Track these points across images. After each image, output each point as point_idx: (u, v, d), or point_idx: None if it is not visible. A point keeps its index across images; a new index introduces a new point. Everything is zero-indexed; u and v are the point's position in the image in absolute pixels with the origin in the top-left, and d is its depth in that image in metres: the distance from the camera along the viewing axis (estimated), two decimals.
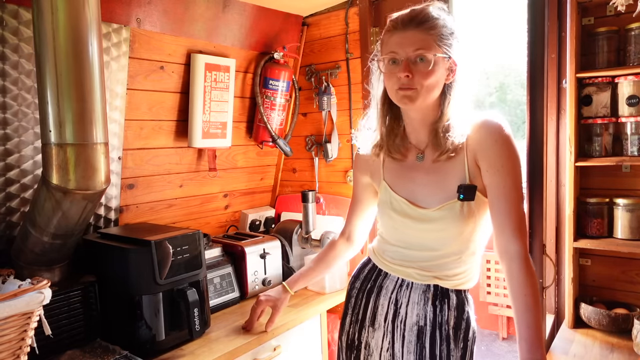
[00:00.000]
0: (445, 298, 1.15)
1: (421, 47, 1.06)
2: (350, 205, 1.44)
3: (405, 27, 1.08)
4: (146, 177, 1.90)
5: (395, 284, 1.21)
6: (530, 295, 1.03)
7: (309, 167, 2.38)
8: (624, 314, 1.60)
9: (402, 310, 1.18)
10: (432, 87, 1.08)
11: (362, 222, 1.42)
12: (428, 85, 1.07)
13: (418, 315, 1.15)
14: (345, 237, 1.45)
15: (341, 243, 1.46)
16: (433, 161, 1.15)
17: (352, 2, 2.10)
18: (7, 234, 1.50)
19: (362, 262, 1.36)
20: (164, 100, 1.87)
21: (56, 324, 1.33)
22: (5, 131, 1.43)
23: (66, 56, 1.13)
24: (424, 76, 1.06)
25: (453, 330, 1.13)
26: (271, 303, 1.52)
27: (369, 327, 1.24)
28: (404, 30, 1.08)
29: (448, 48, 1.08)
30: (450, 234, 1.12)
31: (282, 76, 2.12)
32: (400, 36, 1.08)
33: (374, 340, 1.23)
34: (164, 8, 1.72)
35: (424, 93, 1.08)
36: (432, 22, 1.08)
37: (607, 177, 1.74)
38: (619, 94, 1.64)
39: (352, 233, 1.44)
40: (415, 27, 1.07)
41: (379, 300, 1.23)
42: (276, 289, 1.55)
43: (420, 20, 1.07)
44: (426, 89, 1.08)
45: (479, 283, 3.58)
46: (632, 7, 1.44)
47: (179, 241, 1.44)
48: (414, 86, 1.07)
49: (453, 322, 1.14)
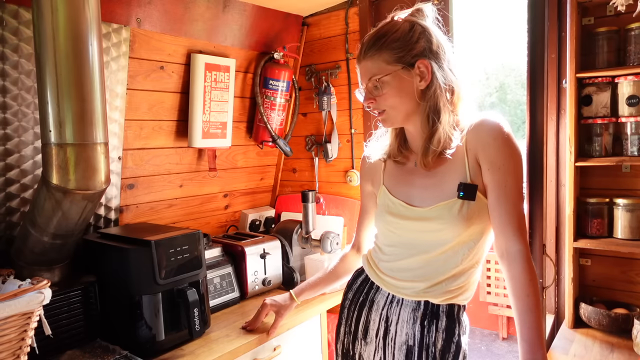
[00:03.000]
0: (434, 319, 1.12)
1: (372, 74, 1.11)
2: (359, 217, 1.43)
3: (359, 61, 1.15)
4: (146, 177, 1.90)
5: (386, 299, 1.19)
6: (532, 295, 1.02)
7: (309, 167, 2.38)
8: (624, 314, 1.60)
9: (392, 328, 1.16)
10: (396, 105, 1.11)
11: (371, 233, 1.41)
12: (391, 105, 1.11)
13: (407, 335, 1.13)
14: (356, 249, 1.44)
15: (352, 255, 1.45)
16: (423, 163, 1.14)
17: (352, 2, 2.10)
18: (7, 234, 1.50)
19: (356, 272, 1.34)
20: (164, 100, 1.87)
21: (56, 324, 1.33)
22: (5, 131, 1.43)
23: (66, 56, 1.13)
24: (384, 99, 1.11)
25: (440, 353, 1.10)
26: (275, 308, 1.51)
27: (361, 340, 1.23)
28: (360, 63, 1.14)
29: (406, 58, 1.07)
30: (447, 235, 1.10)
31: (282, 76, 2.12)
32: (359, 68, 1.15)
33: (367, 354, 1.22)
34: (164, 8, 1.72)
35: (393, 113, 1.13)
36: (376, 45, 1.10)
37: (607, 177, 1.74)
38: (619, 94, 1.64)
39: (362, 244, 1.43)
40: (364, 59, 1.12)
41: (370, 315, 1.22)
42: (283, 295, 1.54)
43: (366, 49, 1.11)
44: (392, 109, 1.12)
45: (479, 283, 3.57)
46: (632, 7, 1.44)
47: (179, 241, 1.44)
48: (380, 109, 1.13)
49: (440, 344, 1.10)
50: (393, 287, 1.19)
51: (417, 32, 1.09)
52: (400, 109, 1.11)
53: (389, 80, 1.09)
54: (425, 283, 1.13)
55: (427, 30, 1.09)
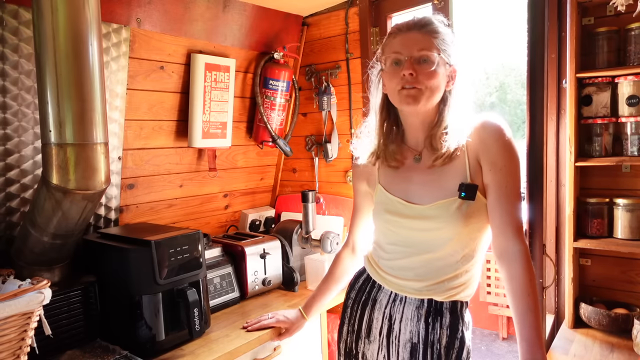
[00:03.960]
0: (439, 315, 1.13)
1: (425, 47, 1.07)
2: (352, 216, 1.43)
3: (409, 29, 1.10)
4: (146, 177, 1.90)
5: (389, 298, 1.20)
6: (532, 295, 1.03)
7: (309, 167, 2.38)
8: (624, 314, 1.60)
9: (395, 326, 1.17)
10: (435, 89, 1.09)
11: (365, 232, 1.41)
12: (431, 86, 1.08)
13: (411, 332, 1.14)
14: (350, 249, 1.45)
15: (347, 256, 1.45)
16: (430, 165, 1.15)
17: (352, 2, 2.10)
18: (7, 234, 1.50)
19: (358, 272, 1.35)
20: (164, 100, 1.87)
21: (56, 324, 1.33)
22: (5, 131, 1.43)
23: (66, 56, 1.13)
24: (427, 76, 1.07)
25: (445, 350, 1.11)
26: (287, 325, 1.53)
27: (364, 339, 1.24)
28: (408, 32, 1.10)
29: (449, 55, 1.10)
30: (446, 234, 1.11)
31: (282, 76, 2.12)
32: (403, 37, 1.10)
33: (370, 352, 1.22)
34: (164, 8, 1.72)
35: (427, 94, 1.09)
36: (434, 26, 1.10)
37: (607, 177, 1.74)
38: (619, 94, 1.64)
39: (356, 244, 1.44)
40: (418, 30, 1.09)
41: (373, 314, 1.22)
42: (293, 311, 1.55)
43: (424, 23, 1.10)
44: (430, 90, 1.08)
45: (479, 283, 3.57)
46: (632, 7, 1.44)
47: (179, 241, 1.44)
48: (418, 85, 1.08)
49: (445, 341, 1.12)
50: (395, 285, 1.19)
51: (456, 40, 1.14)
52: (434, 94, 1.10)
53: (440, 63, 1.09)
54: (427, 282, 1.14)
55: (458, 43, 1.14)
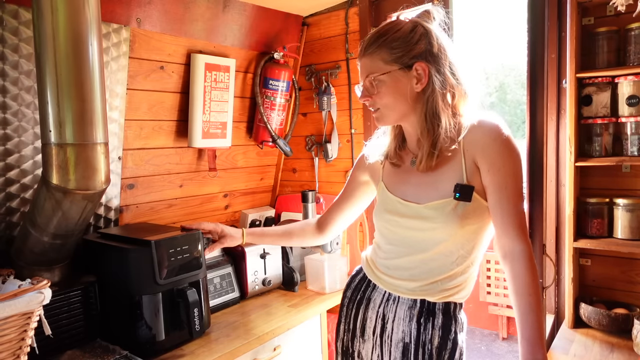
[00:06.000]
0: (431, 316, 1.12)
1: (371, 71, 1.11)
2: (337, 199, 1.42)
3: (359, 57, 1.15)
4: (146, 177, 1.90)
5: (383, 297, 1.20)
6: (534, 295, 1.02)
7: (309, 167, 2.38)
8: (624, 314, 1.60)
9: (388, 326, 1.17)
10: (390, 105, 1.11)
11: (341, 219, 1.43)
12: (385, 104, 1.12)
13: (403, 332, 1.14)
14: (318, 226, 1.46)
15: (313, 229, 1.46)
16: (425, 167, 1.14)
17: (352, 2, 2.10)
18: (7, 234, 1.50)
19: (355, 271, 1.35)
20: (164, 100, 1.87)
21: (56, 324, 1.34)
22: (5, 131, 1.43)
23: (66, 56, 1.13)
24: (379, 97, 1.12)
25: (437, 350, 1.11)
26: (220, 230, 1.47)
27: (359, 338, 1.24)
28: (359, 61, 1.15)
29: (405, 55, 1.07)
30: (441, 235, 1.10)
31: (282, 76, 2.12)
32: (359, 66, 1.16)
33: (365, 351, 1.23)
34: (164, 8, 1.72)
35: (386, 112, 1.13)
36: (376, 43, 1.10)
37: (607, 177, 1.74)
38: (619, 94, 1.64)
39: (327, 225, 1.44)
40: (363, 56, 1.13)
41: (367, 313, 1.22)
42: (236, 230, 1.50)
43: (366, 47, 1.12)
44: (387, 108, 1.12)
45: (479, 283, 3.57)
46: (632, 7, 1.44)
47: (179, 241, 1.44)
48: (376, 107, 1.14)
49: (437, 341, 1.11)
50: (389, 285, 1.19)
51: (419, 33, 1.08)
52: (394, 109, 1.12)
53: (385, 80, 1.09)
54: (421, 282, 1.14)
55: (430, 33, 1.09)
